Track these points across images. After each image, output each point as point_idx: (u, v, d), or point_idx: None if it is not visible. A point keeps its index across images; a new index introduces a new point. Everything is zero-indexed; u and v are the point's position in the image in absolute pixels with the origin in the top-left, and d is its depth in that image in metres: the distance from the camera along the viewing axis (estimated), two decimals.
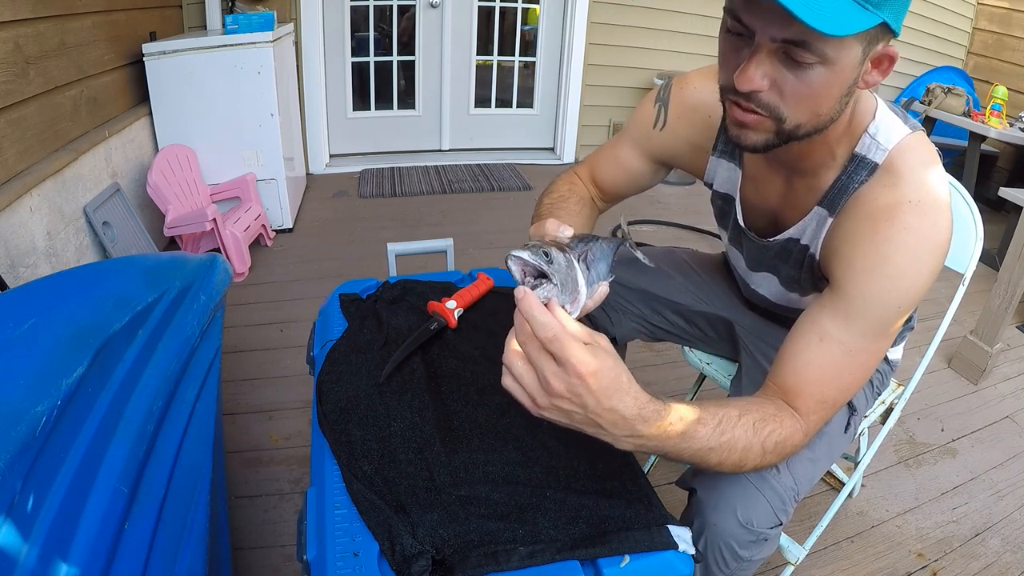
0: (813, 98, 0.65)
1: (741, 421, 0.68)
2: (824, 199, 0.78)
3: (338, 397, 0.87)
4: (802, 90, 0.64)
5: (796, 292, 0.92)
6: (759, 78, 0.63)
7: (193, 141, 2.54)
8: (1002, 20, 3.93)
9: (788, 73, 0.63)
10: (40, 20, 1.83)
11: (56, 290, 0.91)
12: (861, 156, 0.74)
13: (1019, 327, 2.29)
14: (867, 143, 0.73)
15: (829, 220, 0.78)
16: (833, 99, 0.66)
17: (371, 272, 1.33)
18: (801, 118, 0.67)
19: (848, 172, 0.75)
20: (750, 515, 0.79)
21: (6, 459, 0.61)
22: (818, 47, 0.60)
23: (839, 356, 0.72)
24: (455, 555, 0.64)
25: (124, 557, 0.70)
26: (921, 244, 0.69)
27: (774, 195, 0.86)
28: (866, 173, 0.73)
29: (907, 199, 0.70)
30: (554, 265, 0.62)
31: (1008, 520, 1.46)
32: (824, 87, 0.64)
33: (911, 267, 0.69)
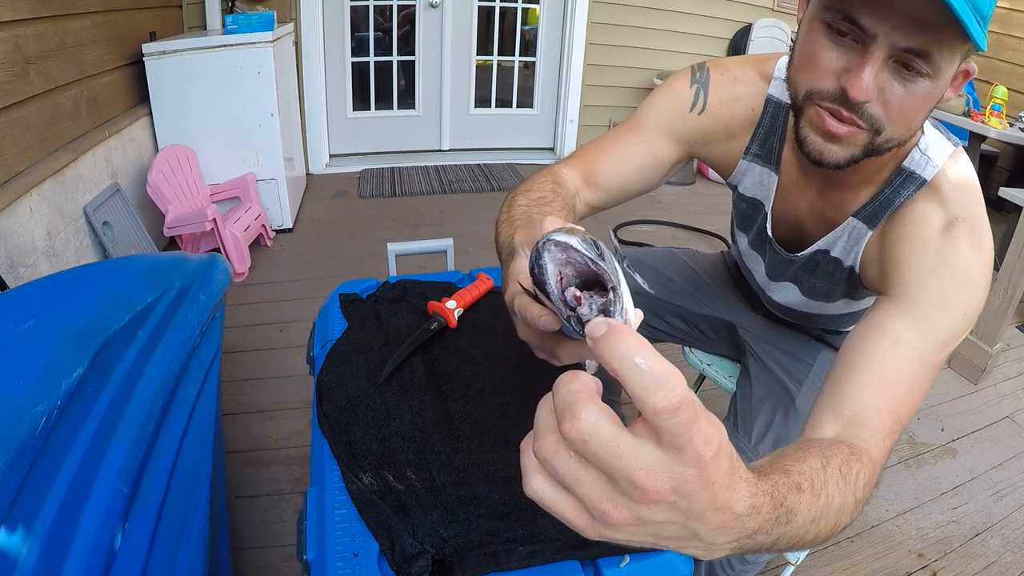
0: (914, 112, 0.62)
1: (829, 471, 0.51)
2: (862, 212, 0.75)
3: (338, 397, 0.87)
4: (908, 103, 0.61)
5: (821, 299, 0.90)
6: (870, 83, 0.59)
7: (193, 141, 2.54)
8: (1002, 20, 3.93)
9: (897, 84, 0.60)
10: (40, 20, 1.83)
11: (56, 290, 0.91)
12: (910, 171, 0.71)
13: (1019, 327, 2.29)
14: (917, 158, 0.71)
15: (868, 234, 0.75)
16: (924, 113, 0.64)
17: (371, 272, 1.33)
18: (897, 132, 0.64)
19: (894, 187, 0.72)
20: None
21: (6, 459, 0.61)
22: (937, 59, 0.58)
23: (914, 365, 0.64)
24: (455, 555, 0.64)
25: (124, 557, 0.70)
26: (977, 255, 0.67)
27: (804, 207, 0.83)
28: (913, 188, 0.71)
29: (956, 216, 0.68)
30: (607, 264, 0.39)
31: (1008, 520, 1.46)
32: (926, 101, 0.62)
33: (972, 274, 0.66)
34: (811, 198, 0.81)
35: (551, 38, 3.77)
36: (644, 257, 1.23)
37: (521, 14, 3.75)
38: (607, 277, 0.38)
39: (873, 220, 0.74)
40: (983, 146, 3.20)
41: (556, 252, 0.39)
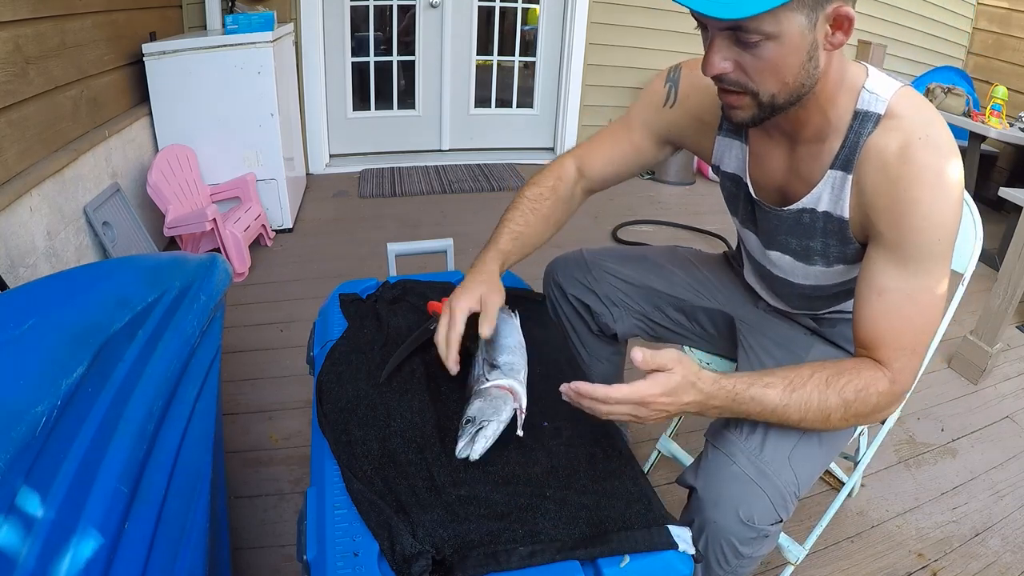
0: (773, 70, 0.71)
1: (813, 378, 0.76)
2: (836, 161, 0.80)
3: (338, 397, 0.87)
4: (759, 65, 0.71)
5: (819, 264, 0.90)
6: (719, 62, 0.72)
7: (193, 141, 2.54)
8: (1002, 20, 3.93)
9: (745, 53, 0.70)
10: (40, 20, 1.83)
11: (56, 290, 0.91)
12: (864, 111, 0.76)
13: (1019, 327, 2.29)
14: (867, 98, 0.76)
15: (848, 180, 0.79)
16: (795, 67, 0.71)
17: (371, 272, 1.33)
18: (771, 88, 0.73)
19: (855, 129, 0.77)
20: (751, 512, 0.79)
21: (6, 459, 0.61)
22: (754, 26, 0.67)
23: (902, 304, 0.76)
24: (455, 555, 0.64)
25: (124, 557, 0.70)
26: (941, 176, 0.72)
27: (779, 168, 0.88)
28: (872, 124, 0.76)
29: (916, 137, 0.73)
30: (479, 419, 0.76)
31: (1008, 520, 1.46)
32: (779, 58, 0.70)
33: (939, 200, 0.72)
34: (783, 158, 0.87)
35: (551, 38, 3.77)
36: (647, 252, 1.23)
37: (521, 14, 3.75)
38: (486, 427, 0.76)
39: (847, 165, 0.79)
40: (983, 146, 3.20)
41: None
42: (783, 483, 0.81)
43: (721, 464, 0.83)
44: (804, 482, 0.84)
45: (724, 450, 0.84)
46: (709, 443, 0.88)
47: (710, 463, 0.85)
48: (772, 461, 0.82)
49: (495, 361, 0.85)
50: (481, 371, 0.84)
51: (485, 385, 0.80)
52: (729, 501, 0.80)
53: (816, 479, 0.90)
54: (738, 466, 0.82)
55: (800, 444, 0.84)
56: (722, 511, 0.80)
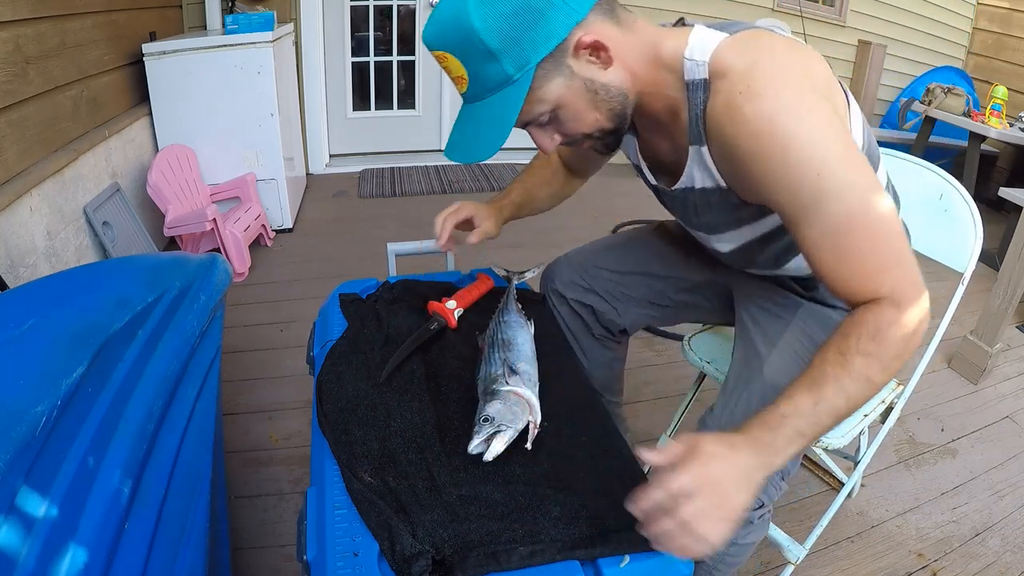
0: (577, 121, 0.77)
1: (826, 362, 0.69)
2: (691, 137, 0.79)
3: (338, 397, 0.87)
4: (566, 126, 0.78)
5: (726, 231, 0.91)
6: (547, 143, 0.80)
7: (193, 141, 2.54)
8: (1002, 20, 3.93)
9: (553, 125, 0.79)
10: (40, 20, 1.83)
11: (56, 290, 0.92)
12: (690, 81, 0.75)
13: (1019, 327, 2.29)
14: (689, 67, 0.75)
15: (704, 152, 0.79)
16: (588, 107, 0.76)
17: (371, 272, 1.33)
18: (592, 127, 0.79)
19: (691, 101, 0.76)
20: None
21: (6, 459, 0.61)
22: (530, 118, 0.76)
23: (838, 241, 0.70)
24: (455, 555, 0.64)
25: (124, 557, 0.70)
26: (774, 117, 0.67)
27: (665, 150, 0.89)
28: (703, 92, 0.74)
29: (736, 92, 0.70)
30: (498, 422, 0.76)
31: (1008, 520, 1.46)
32: (572, 113, 0.76)
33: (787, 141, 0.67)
34: (665, 139, 0.87)
35: None
36: (635, 235, 1.22)
37: None
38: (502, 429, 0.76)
39: (699, 138, 0.78)
40: (983, 146, 3.20)
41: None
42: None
43: None
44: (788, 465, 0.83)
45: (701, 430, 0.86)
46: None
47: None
48: None
49: (515, 366, 0.85)
50: (500, 371, 0.84)
51: (505, 388, 0.81)
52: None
53: (798, 462, 0.90)
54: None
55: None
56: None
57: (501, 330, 0.93)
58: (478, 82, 0.72)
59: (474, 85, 0.73)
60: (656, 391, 1.81)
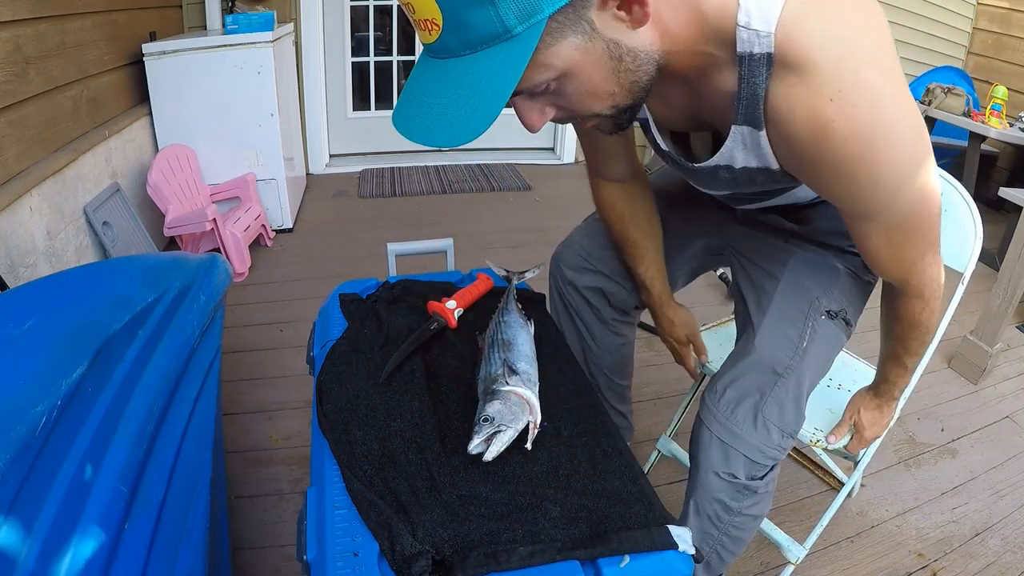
0: (586, 96, 0.61)
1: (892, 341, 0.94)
2: (739, 115, 0.67)
3: (338, 397, 0.87)
4: (571, 100, 0.62)
5: (758, 201, 0.94)
6: (536, 119, 0.64)
7: (193, 141, 2.54)
8: (1002, 20, 3.93)
9: (551, 97, 0.62)
10: (40, 20, 1.83)
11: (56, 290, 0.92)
12: (748, 55, 0.61)
13: (1019, 327, 2.29)
14: (745, 37, 0.60)
15: (761, 136, 0.67)
16: (607, 78, 0.59)
17: (371, 272, 1.33)
18: (604, 104, 0.63)
19: (747, 79, 0.62)
20: (730, 469, 0.90)
21: (6, 459, 0.61)
22: (530, 85, 0.58)
23: (894, 234, 0.74)
24: (455, 555, 0.64)
25: (124, 557, 0.70)
26: (871, 137, 0.60)
27: (679, 115, 0.78)
28: (765, 71, 0.61)
29: (827, 98, 0.58)
30: (498, 422, 0.76)
31: (1008, 520, 1.46)
32: (585, 84, 0.59)
33: (879, 160, 0.61)
34: (683, 111, 0.76)
35: None
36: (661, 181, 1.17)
37: None
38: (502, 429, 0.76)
39: (755, 121, 0.66)
40: (983, 146, 3.19)
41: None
42: (758, 442, 0.88)
43: (699, 432, 0.93)
44: (789, 430, 0.90)
45: (702, 417, 0.93)
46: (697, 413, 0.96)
47: (693, 431, 0.95)
48: (743, 422, 0.88)
49: (515, 366, 0.86)
50: (500, 371, 0.84)
51: (505, 388, 0.81)
52: (707, 464, 0.91)
53: (802, 421, 0.93)
54: (711, 431, 0.90)
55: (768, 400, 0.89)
56: (703, 473, 0.91)
57: (501, 330, 0.94)
58: (459, 31, 0.52)
59: (451, 34, 0.53)
60: (656, 391, 1.81)
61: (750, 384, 0.90)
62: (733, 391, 0.90)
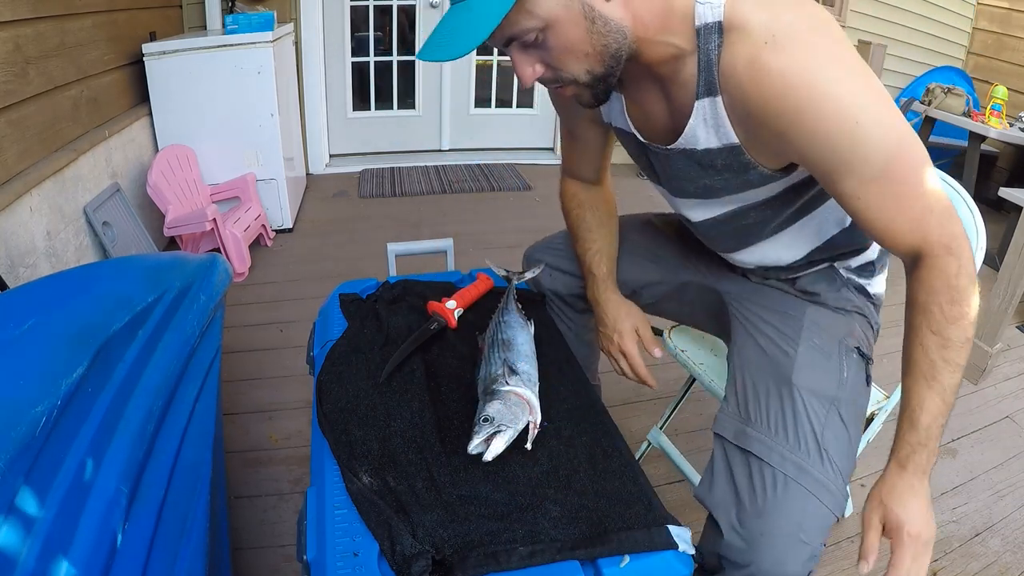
0: (567, 51, 0.71)
1: (927, 346, 0.70)
2: (699, 89, 0.73)
3: (338, 397, 0.87)
4: (554, 54, 0.71)
5: (721, 196, 0.86)
6: (529, 71, 0.73)
7: (193, 141, 2.54)
8: (1002, 20, 3.93)
9: (538, 52, 0.72)
10: (40, 20, 1.83)
11: (56, 290, 0.92)
12: (702, 25, 0.70)
13: (1019, 327, 2.29)
14: (701, 11, 0.70)
15: (718, 103, 0.73)
16: (582, 38, 0.70)
17: (371, 272, 1.33)
18: (580, 67, 0.72)
19: (702, 48, 0.71)
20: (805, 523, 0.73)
21: (6, 459, 0.61)
22: (518, 30, 0.68)
23: (880, 188, 0.69)
24: (455, 555, 0.64)
25: (124, 557, 0.70)
26: (806, 70, 0.65)
27: (658, 108, 0.82)
28: (717, 37, 0.69)
29: (761, 43, 0.66)
30: (498, 422, 0.76)
31: (1008, 520, 1.46)
32: (564, 39, 0.70)
33: (823, 94, 0.65)
34: (658, 97, 0.81)
35: None
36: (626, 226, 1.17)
37: None
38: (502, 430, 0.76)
39: (711, 88, 0.72)
40: (983, 146, 3.19)
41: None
42: (828, 478, 0.74)
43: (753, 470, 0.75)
44: (846, 469, 0.78)
45: (754, 451, 0.76)
46: (727, 442, 0.81)
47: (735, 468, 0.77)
48: (810, 452, 0.75)
49: (515, 366, 0.86)
50: (500, 371, 0.84)
51: (505, 388, 0.81)
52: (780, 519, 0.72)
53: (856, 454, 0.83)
54: (775, 468, 0.74)
55: (830, 418, 0.79)
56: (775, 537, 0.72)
57: (501, 330, 0.94)
58: None
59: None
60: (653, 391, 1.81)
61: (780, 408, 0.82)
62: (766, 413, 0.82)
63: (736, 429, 0.82)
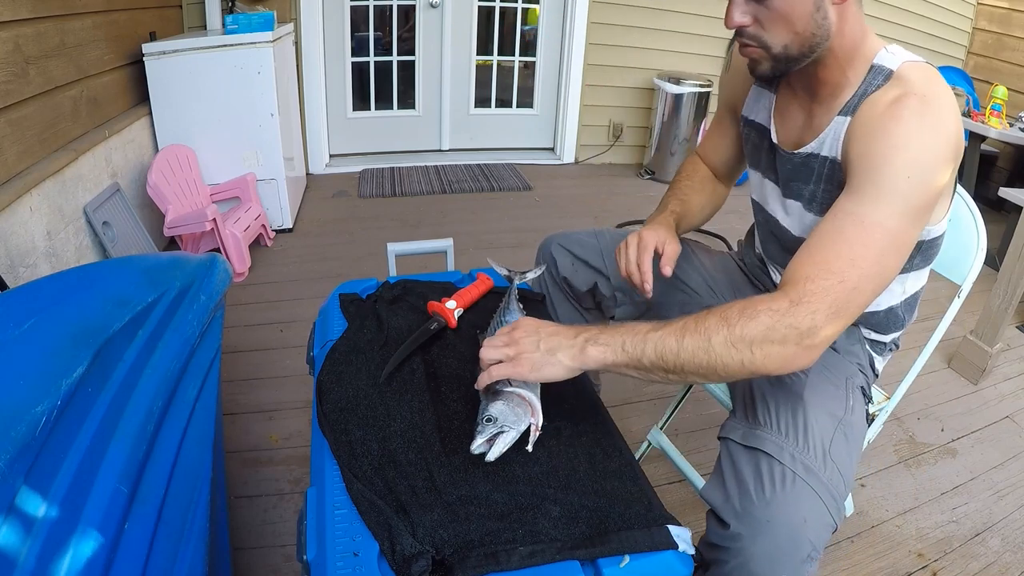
0: (783, 20, 0.78)
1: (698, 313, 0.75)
2: (844, 108, 0.84)
3: (338, 397, 0.87)
4: (771, 15, 0.78)
5: (815, 212, 0.91)
6: (739, 15, 0.80)
7: (193, 141, 2.54)
8: (1002, 20, 3.93)
9: (759, 7, 0.79)
10: (40, 20, 1.83)
11: (56, 290, 0.91)
12: (879, 65, 0.81)
13: (1019, 327, 2.29)
14: (884, 56, 0.81)
15: (848, 121, 0.82)
16: (803, 16, 0.77)
17: (371, 272, 1.33)
18: (783, 39, 0.80)
19: (867, 81, 0.82)
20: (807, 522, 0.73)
21: (6, 459, 0.61)
22: None
23: (851, 227, 0.73)
24: (455, 555, 0.64)
25: (124, 557, 0.70)
26: (924, 125, 0.73)
27: (799, 122, 0.92)
28: (882, 79, 0.80)
29: (912, 93, 0.75)
30: (501, 423, 0.76)
31: (1008, 520, 1.46)
32: (789, 8, 0.77)
33: (916, 138, 0.73)
34: (803, 113, 0.91)
35: (551, 38, 3.77)
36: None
37: (521, 14, 3.75)
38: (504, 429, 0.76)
39: (851, 110, 0.83)
40: (983, 146, 3.20)
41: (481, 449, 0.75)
42: (832, 483, 0.75)
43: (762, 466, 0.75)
44: (849, 481, 0.79)
45: (764, 448, 0.77)
46: (735, 443, 0.82)
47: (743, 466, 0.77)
48: (818, 457, 0.76)
49: None
50: None
51: (508, 388, 0.80)
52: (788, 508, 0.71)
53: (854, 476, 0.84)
54: (785, 466, 0.74)
55: (836, 433, 0.80)
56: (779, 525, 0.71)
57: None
58: None
59: None
60: (655, 391, 1.81)
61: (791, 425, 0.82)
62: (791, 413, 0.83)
63: (745, 431, 0.83)
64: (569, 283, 1.19)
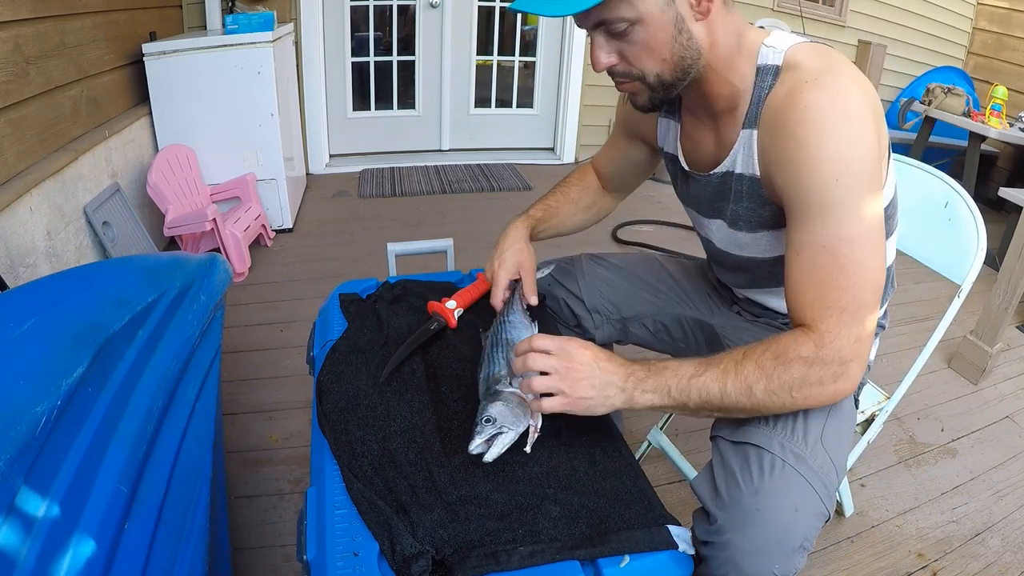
0: (647, 51, 0.76)
1: (733, 354, 0.74)
2: (746, 120, 0.80)
3: (338, 397, 0.87)
4: (634, 49, 0.76)
5: (744, 230, 0.89)
6: (604, 57, 0.78)
7: (193, 141, 2.54)
8: (1002, 20, 3.93)
9: (619, 43, 0.76)
10: (40, 20, 1.83)
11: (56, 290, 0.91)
12: (763, 65, 0.78)
13: (1019, 327, 2.29)
14: (764, 53, 0.78)
15: (754, 135, 0.80)
16: (666, 43, 0.75)
17: (371, 272, 1.33)
18: (653, 68, 0.77)
19: (757, 85, 0.78)
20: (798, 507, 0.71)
21: (6, 459, 0.61)
22: (615, 15, 0.73)
23: (818, 256, 0.72)
24: (455, 555, 0.64)
25: (124, 557, 0.70)
26: (829, 113, 0.70)
27: (708, 144, 0.90)
28: (771, 77, 0.77)
29: (803, 80, 0.72)
30: (500, 423, 0.76)
31: (1008, 520, 1.46)
32: (649, 38, 0.75)
33: (827, 137, 0.70)
34: (710, 134, 0.89)
35: (551, 38, 3.77)
36: (631, 264, 1.21)
37: (521, 14, 3.75)
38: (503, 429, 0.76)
39: (754, 122, 0.80)
40: (983, 146, 3.19)
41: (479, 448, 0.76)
42: (824, 471, 0.73)
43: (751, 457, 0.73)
44: (841, 469, 0.77)
45: (753, 441, 0.75)
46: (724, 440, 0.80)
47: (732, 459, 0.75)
48: (808, 445, 0.74)
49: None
50: (503, 372, 0.84)
51: (508, 389, 0.80)
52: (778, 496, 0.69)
53: (846, 462, 0.82)
54: (775, 455, 0.72)
55: (828, 422, 0.78)
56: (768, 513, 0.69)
57: (505, 330, 0.93)
58: None
59: None
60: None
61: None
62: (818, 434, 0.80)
63: (734, 427, 0.81)
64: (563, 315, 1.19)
